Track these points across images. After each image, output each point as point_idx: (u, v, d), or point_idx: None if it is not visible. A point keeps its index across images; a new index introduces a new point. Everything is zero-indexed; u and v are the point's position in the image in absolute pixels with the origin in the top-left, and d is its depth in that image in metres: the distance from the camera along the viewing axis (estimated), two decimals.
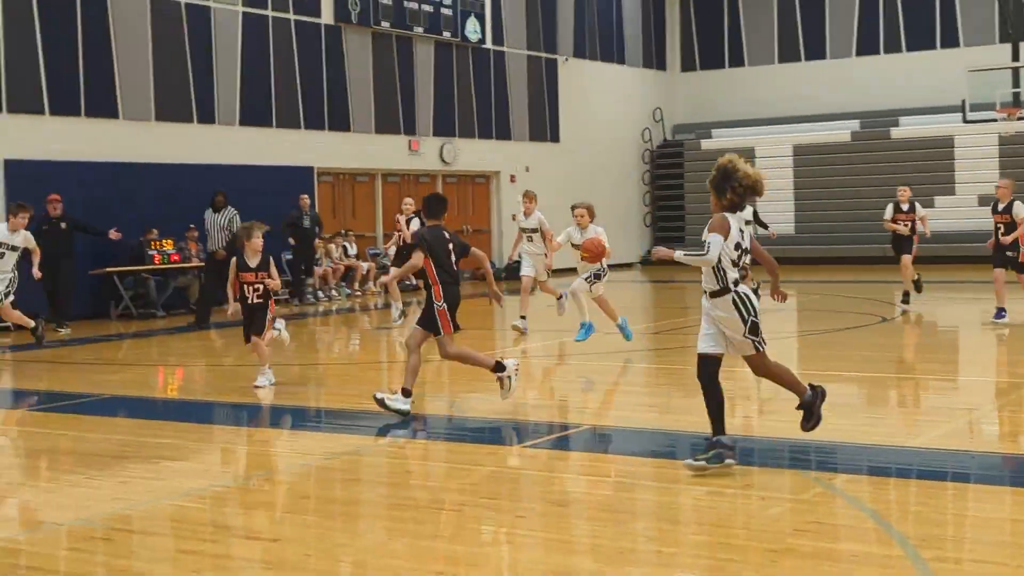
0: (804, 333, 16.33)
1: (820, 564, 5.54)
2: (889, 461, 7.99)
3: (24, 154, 18.39)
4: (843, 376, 11.58)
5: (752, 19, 32.37)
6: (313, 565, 5.84)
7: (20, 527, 6.72)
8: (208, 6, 21.17)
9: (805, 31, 31.65)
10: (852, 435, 8.98)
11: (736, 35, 32.75)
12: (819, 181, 29.61)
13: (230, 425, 10.13)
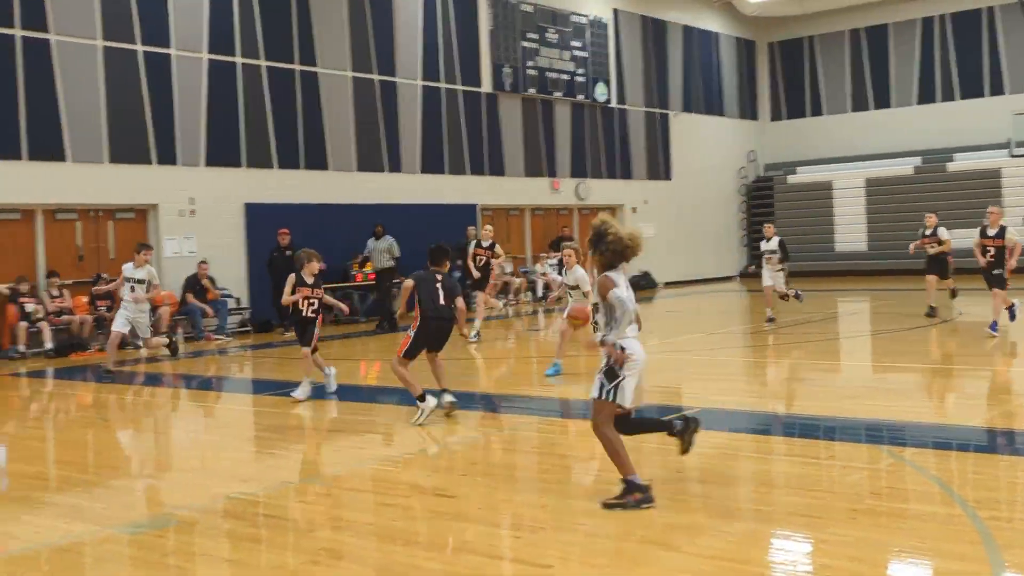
0: (876, 332, 15.95)
1: (893, 521, 5.49)
2: (950, 437, 7.83)
3: (258, 199, 19.00)
4: (911, 367, 11.30)
5: (828, 76, 31.80)
6: (483, 516, 5.97)
7: (257, 485, 6.96)
8: (395, 81, 21.60)
9: (873, 84, 30.96)
10: (918, 415, 8.80)
11: (815, 90, 32.19)
12: (887, 208, 28.88)
13: (413, 405, 10.33)
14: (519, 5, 24.47)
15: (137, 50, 17.47)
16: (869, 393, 10.22)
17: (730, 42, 31.79)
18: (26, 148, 16.12)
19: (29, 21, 16.15)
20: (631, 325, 5.98)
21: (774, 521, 5.61)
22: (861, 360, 12.97)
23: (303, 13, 19.92)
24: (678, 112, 29.62)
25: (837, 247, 29.76)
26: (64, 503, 6.79)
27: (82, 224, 17.29)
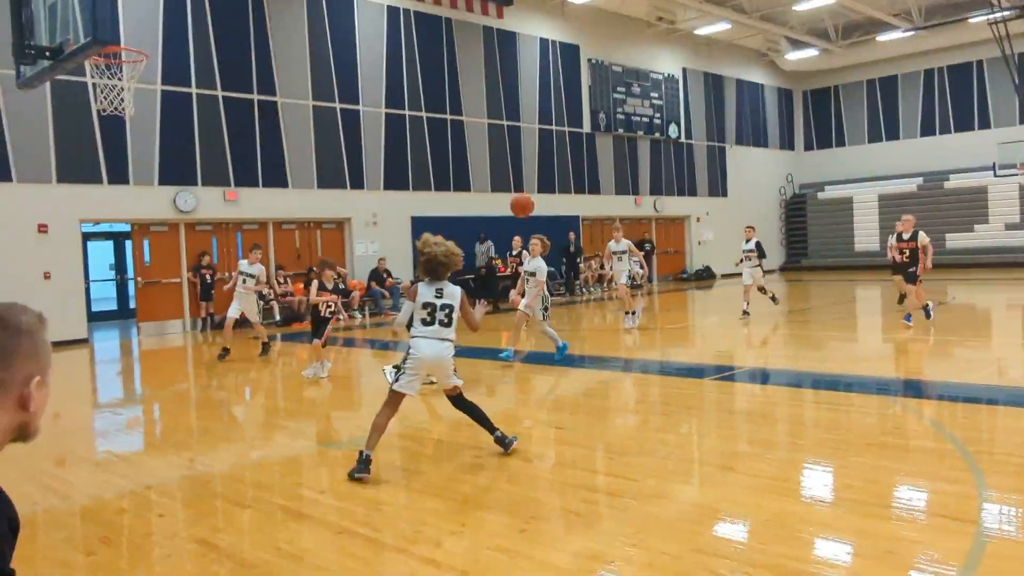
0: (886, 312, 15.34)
1: (899, 453, 5.33)
2: (944, 391, 7.50)
3: (420, 213, 19.36)
4: (913, 338, 10.86)
5: (849, 115, 30.60)
6: (584, 442, 6.02)
7: (421, 418, 7.12)
8: (519, 126, 21.70)
9: (885, 121, 29.66)
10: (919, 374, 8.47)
11: (840, 126, 31.02)
12: (896, 217, 27.56)
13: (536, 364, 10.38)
14: (611, 66, 24.28)
15: (336, 107, 18.00)
16: (880, 357, 9.88)
17: (772, 91, 30.89)
18: (261, 179, 16.83)
19: (262, 88, 16.82)
20: (429, 326, 5.37)
21: (806, 451, 5.51)
22: (874, 333, 12.51)
23: (452, 75, 20.19)
24: (732, 145, 28.98)
25: (856, 247, 28.89)
26: (295, 427, 7.11)
27: (299, 232, 17.93)
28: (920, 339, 10.78)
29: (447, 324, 5.45)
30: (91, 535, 4.46)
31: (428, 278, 5.50)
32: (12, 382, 1.48)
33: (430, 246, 5.44)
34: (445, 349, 5.45)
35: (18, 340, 1.49)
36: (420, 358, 5.36)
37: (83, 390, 10.16)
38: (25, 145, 13.91)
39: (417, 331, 5.44)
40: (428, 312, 5.43)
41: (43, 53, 6.54)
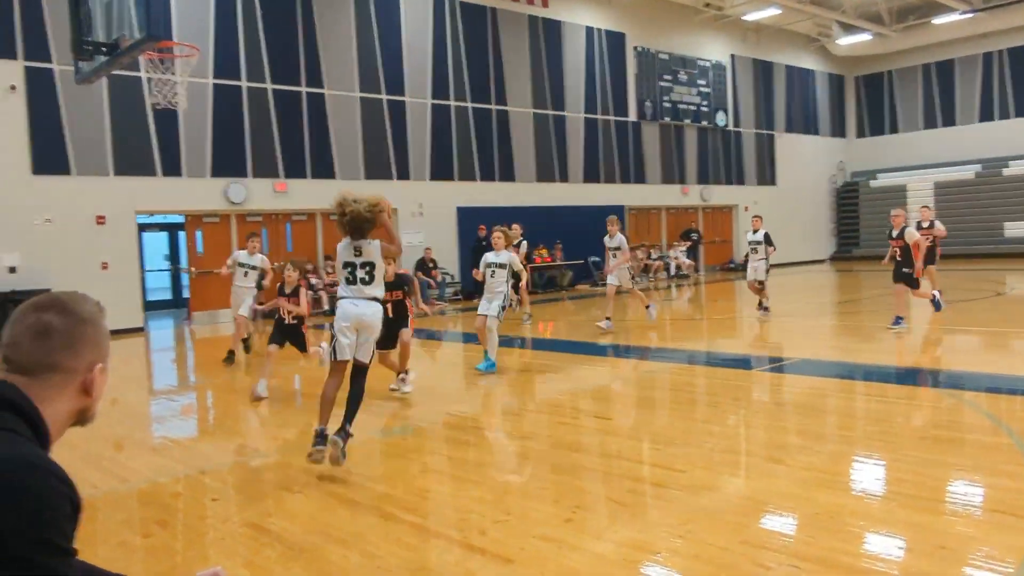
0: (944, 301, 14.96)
1: (953, 446, 5.20)
2: (1000, 384, 7.29)
3: (465, 203, 19.43)
4: (967, 329, 10.57)
5: (904, 101, 29.81)
6: (630, 432, 5.99)
7: (468, 407, 7.17)
8: (564, 115, 21.61)
9: (941, 106, 28.82)
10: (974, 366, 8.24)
11: (893, 112, 30.25)
12: (953, 205, 26.98)
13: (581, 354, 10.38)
14: (657, 54, 24.00)
15: (382, 99, 18.13)
16: (934, 349, 9.64)
17: (823, 77, 30.21)
18: (309, 170, 17.05)
19: (310, 80, 17.02)
20: (351, 285, 5.23)
21: (856, 443, 5.41)
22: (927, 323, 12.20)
23: (498, 65, 20.17)
24: (781, 132, 28.45)
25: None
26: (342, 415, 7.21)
27: None
28: (976, 330, 10.49)
29: (368, 282, 5.28)
30: (148, 518, 4.59)
31: (349, 237, 5.27)
32: (77, 368, 1.53)
33: (350, 204, 5.16)
34: (368, 307, 5.27)
35: (83, 328, 1.54)
36: (345, 319, 5.23)
37: (139, 377, 10.44)
38: (83, 139, 14.30)
39: (341, 292, 5.34)
40: (349, 272, 5.28)
41: (100, 49, 6.72)
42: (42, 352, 1.50)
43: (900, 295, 10.85)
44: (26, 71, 13.72)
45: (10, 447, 1.35)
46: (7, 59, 13.54)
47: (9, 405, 1.41)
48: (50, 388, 1.50)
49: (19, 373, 1.48)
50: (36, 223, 13.83)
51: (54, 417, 1.50)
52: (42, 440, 1.46)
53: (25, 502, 1.30)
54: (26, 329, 1.51)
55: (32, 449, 1.38)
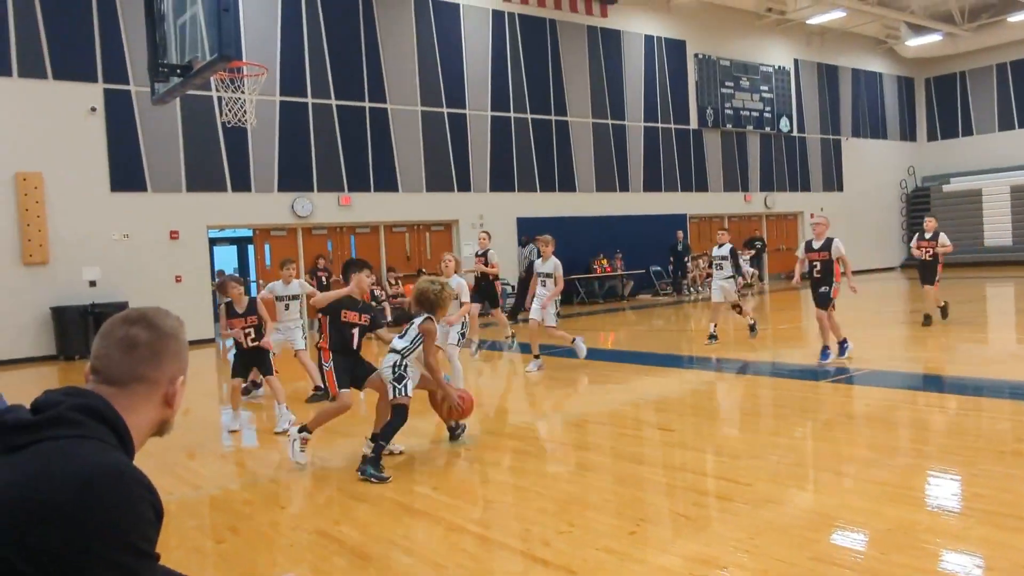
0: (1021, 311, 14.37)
1: None
2: None
3: (525, 214, 19.50)
4: None
5: (977, 102, 28.80)
6: (694, 444, 5.90)
7: (528, 417, 7.18)
8: (624, 124, 21.53)
9: (1017, 107, 27.76)
10: None
11: (966, 114, 29.24)
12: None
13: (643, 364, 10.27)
14: (718, 61, 23.73)
15: (443, 112, 18.36)
16: (1014, 359, 9.25)
17: (891, 80, 29.41)
18: (373, 184, 17.36)
19: (373, 96, 17.35)
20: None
21: (931, 457, 5.23)
22: (1007, 333, 11.73)
23: (557, 76, 20.22)
24: (848, 137, 27.79)
25: (986, 242, 27.14)
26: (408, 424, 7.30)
27: (409, 234, 18.38)
28: None
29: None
30: (220, 524, 4.73)
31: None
32: (160, 381, 1.61)
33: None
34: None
35: (166, 342, 1.62)
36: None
37: (211, 387, 10.75)
38: (158, 157, 14.86)
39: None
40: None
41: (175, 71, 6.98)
42: (129, 364, 1.57)
43: (823, 322, 9.38)
44: (105, 93, 14.34)
45: (99, 455, 1.41)
46: (88, 82, 14.17)
47: (98, 415, 1.48)
48: (135, 399, 1.57)
49: (107, 384, 1.56)
50: (114, 238, 14.40)
51: (138, 427, 1.57)
52: (127, 449, 1.53)
53: (113, 508, 1.36)
54: (116, 342, 1.58)
55: (119, 457, 1.45)
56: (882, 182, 28.89)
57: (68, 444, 1.40)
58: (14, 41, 13.52)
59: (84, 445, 1.42)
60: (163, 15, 7.46)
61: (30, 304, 13.59)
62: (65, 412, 1.44)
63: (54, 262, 13.83)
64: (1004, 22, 25.72)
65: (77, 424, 1.44)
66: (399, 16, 17.69)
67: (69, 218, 13.93)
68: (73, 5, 14.01)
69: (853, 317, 13.41)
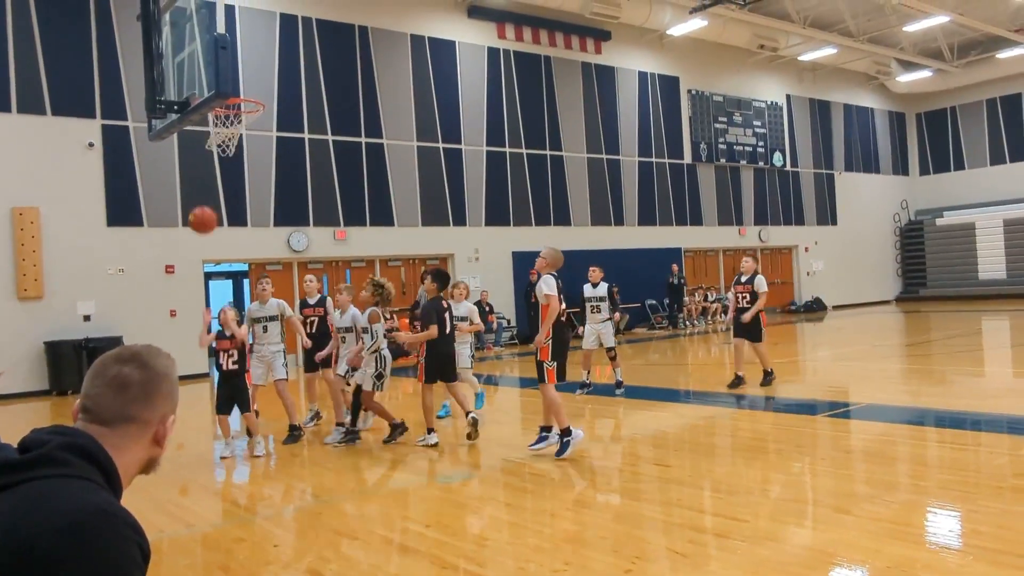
0: (1016, 344, 14.40)
1: None
2: None
3: (521, 248, 19.55)
4: None
5: (968, 137, 29.14)
6: (690, 480, 5.85)
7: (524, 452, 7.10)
8: (619, 159, 21.70)
9: (1008, 142, 28.06)
10: None
11: (958, 149, 29.55)
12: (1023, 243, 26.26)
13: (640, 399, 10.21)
14: (712, 96, 24.02)
15: (439, 147, 18.49)
16: (1011, 394, 9.24)
17: (883, 115, 29.77)
18: (369, 218, 17.41)
19: (369, 131, 17.48)
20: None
21: (930, 493, 5.19)
22: (1003, 367, 11.73)
23: (552, 112, 20.42)
24: (841, 172, 28.02)
25: (980, 275, 27.26)
26: (402, 460, 7.25)
27: (404, 268, 18.40)
28: None
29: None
30: (211, 562, 4.66)
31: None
32: (151, 421, 1.59)
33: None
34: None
35: (159, 383, 1.61)
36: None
37: (204, 423, 10.67)
38: (154, 192, 14.91)
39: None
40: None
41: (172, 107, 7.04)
42: (121, 405, 1.56)
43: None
44: (103, 129, 14.43)
45: (86, 495, 1.40)
46: (87, 118, 14.27)
47: (87, 454, 1.47)
48: (125, 439, 1.56)
49: (97, 423, 1.54)
50: (109, 272, 14.39)
51: (126, 466, 1.56)
52: (114, 488, 1.51)
53: (99, 549, 1.35)
54: (107, 382, 1.57)
55: (106, 497, 1.43)
56: (876, 216, 29.09)
57: (55, 484, 1.38)
58: (14, 77, 13.63)
59: (71, 485, 1.40)
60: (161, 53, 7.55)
61: (24, 339, 13.52)
62: (53, 451, 1.43)
63: (49, 296, 13.80)
64: (993, 59, 26.11)
65: (64, 463, 1.43)
66: (396, 52, 17.89)
67: (65, 252, 13.93)
68: (73, 42, 14.17)
69: (849, 351, 13.43)
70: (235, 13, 15.65)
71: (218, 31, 6.46)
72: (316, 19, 16.85)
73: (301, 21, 16.66)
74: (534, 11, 19.66)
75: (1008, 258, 26.62)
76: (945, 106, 29.63)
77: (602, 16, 19.43)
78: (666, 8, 20.31)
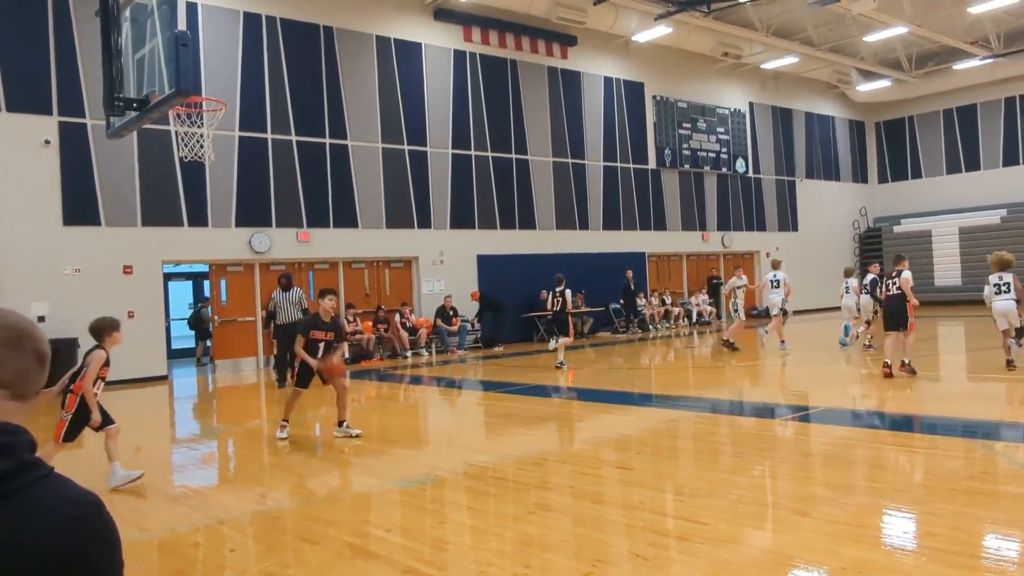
0: (970, 349, 14.73)
1: (986, 499, 5.06)
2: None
3: (485, 251, 19.55)
4: (1000, 378, 10.37)
5: (926, 146, 29.83)
6: (652, 483, 5.90)
7: (488, 456, 7.12)
8: (584, 163, 21.80)
9: (964, 151, 28.78)
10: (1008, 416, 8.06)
11: (915, 157, 30.22)
12: (978, 250, 26.86)
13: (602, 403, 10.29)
14: (676, 103, 24.25)
15: (404, 149, 18.41)
16: (965, 398, 9.45)
17: (843, 123, 30.34)
18: (332, 220, 17.27)
19: (334, 132, 17.35)
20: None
21: (886, 496, 5.28)
22: (958, 371, 12.00)
23: (518, 115, 20.45)
24: (802, 179, 28.48)
25: (936, 282, 27.87)
26: (362, 464, 7.19)
27: (368, 271, 18.27)
28: (1007, 379, 10.29)
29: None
30: (167, 567, 4.57)
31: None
32: None
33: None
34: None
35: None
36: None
37: (162, 425, 10.48)
38: (113, 191, 14.62)
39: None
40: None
41: (131, 105, 6.91)
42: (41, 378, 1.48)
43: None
44: (60, 126, 14.12)
45: (69, 487, 1.34)
46: (43, 115, 13.95)
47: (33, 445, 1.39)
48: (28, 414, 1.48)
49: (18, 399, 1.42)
50: (65, 272, 14.08)
51: None
52: None
53: (109, 540, 1.33)
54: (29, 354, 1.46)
55: (78, 486, 1.38)
56: (835, 222, 29.61)
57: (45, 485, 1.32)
58: None
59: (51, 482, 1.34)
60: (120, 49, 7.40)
61: None
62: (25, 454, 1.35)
63: (3, 297, 13.43)
64: (949, 70, 26.74)
65: (36, 464, 1.36)
66: (361, 53, 17.78)
67: (20, 251, 13.60)
68: (30, 37, 13.85)
69: (809, 356, 13.62)
70: (197, 11, 15.43)
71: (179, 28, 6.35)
72: (280, 18, 16.68)
73: (265, 20, 16.48)
74: (501, 15, 19.68)
75: (963, 265, 27.24)
76: (903, 115, 30.30)
77: (568, 21, 19.51)
78: (632, 14, 20.47)
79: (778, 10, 21.74)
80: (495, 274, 19.35)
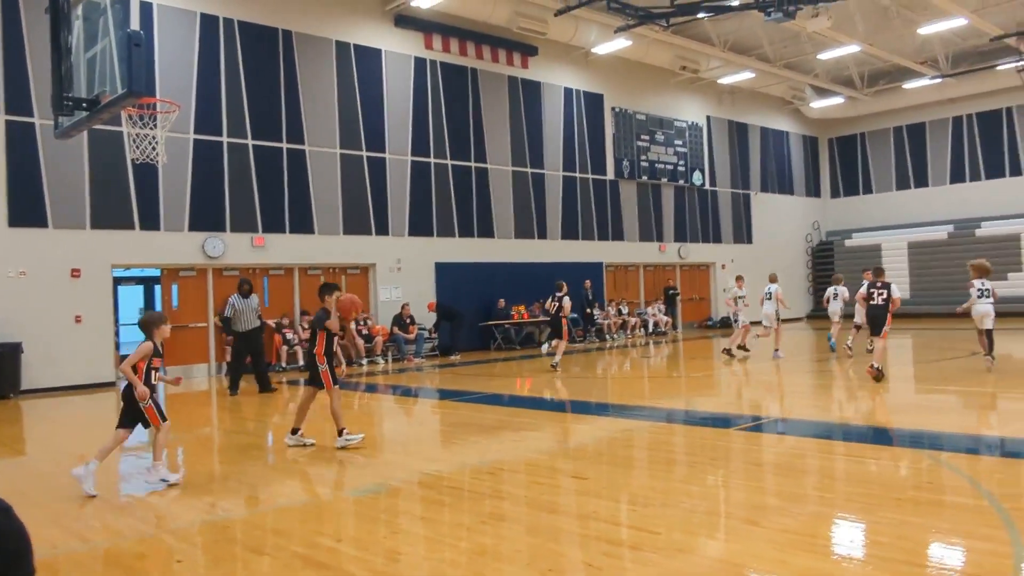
0: (918, 362, 15.10)
1: (931, 508, 5.18)
2: (979, 444, 7.32)
3: (444, 259, 19.52)
4: (945, 389, 10.64)
5: (876, 163, 30.67)
6: (607, 493, 5.92)
7: (443, 465, 7.08)
8: (543, 173, 21.89)
9: (913, 168, 29.64)
10: (953, 427, 8.27)
11: (866, 173, 31.03)
12: (926, 264, 27.66)
13: (558, 412, 10.34)
14: (635, 115, 24.53)
15: (363, 155, 18.29)
16: (912, 409, 9.68)
17: (798, 138, 30.98)
18: (288, 225, 17.06)
19: (291, 137, 17.17)
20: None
21: (834, 505, 5.37)
22: (905, 383, 12.28)
23: (478, 124, 20.47)
24: (757, 192, 29.00)
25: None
26: (315, 473, 7.09)
27: (324, 278, 18.09)
28: (952, 389, 10.57)
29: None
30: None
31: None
32: None
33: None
34: None
35: None
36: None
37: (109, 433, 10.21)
38: (61, 192, 14.26)
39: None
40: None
41: (80, 104, 6.74)
42: None
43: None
44: (7, 124, 13.75)
45: None
46: None
47: None
48: None
49: None
50: (10, 275, 13.69)
51: None
52: None
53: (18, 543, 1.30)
54: None
55: None
56: (789, 235, 30.20)
57: None
58: None
59: None
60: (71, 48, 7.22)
61: None
62: None
63: None
64: (900, 88, 27.51)
65: None
66: (320, 58, 17.65)
67: None
68: None
69: (762, 367, 13.83)
70: (152, 11, 15.17)
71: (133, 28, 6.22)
72: (238, 20, 16.48)
73: (222, 22, 16.27)
74: (462, 23, 19.71)
75: (912, 278, 27.99)
76: (855, 132, 31.09)
77: (529, 31, 19.62)
78: (592, 26, 20.66)
79: (735, 26, 22.14)
80: (453, 282, 19.33)
